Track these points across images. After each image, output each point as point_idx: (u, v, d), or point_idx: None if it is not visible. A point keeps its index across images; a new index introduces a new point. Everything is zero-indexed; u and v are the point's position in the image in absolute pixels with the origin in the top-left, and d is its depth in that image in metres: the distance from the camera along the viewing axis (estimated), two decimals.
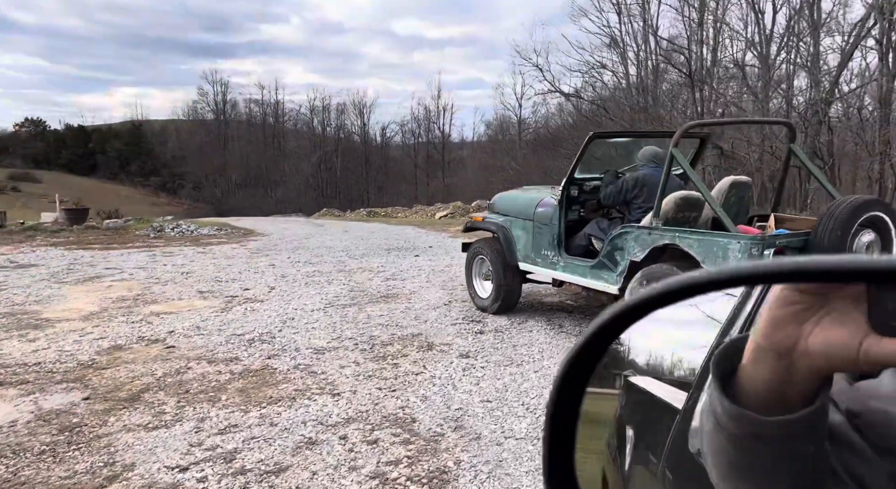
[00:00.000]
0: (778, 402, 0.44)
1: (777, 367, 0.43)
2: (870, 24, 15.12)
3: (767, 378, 0.44)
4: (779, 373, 0.43)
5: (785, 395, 0.44)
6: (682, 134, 4.03)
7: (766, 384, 0.44)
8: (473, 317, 5.28)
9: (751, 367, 0.45)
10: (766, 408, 0.44)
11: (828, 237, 3.21)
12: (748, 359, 0.45)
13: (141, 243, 10.60)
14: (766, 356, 0.43)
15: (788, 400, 0.44)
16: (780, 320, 0.42)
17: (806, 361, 0.42)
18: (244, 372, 4.00)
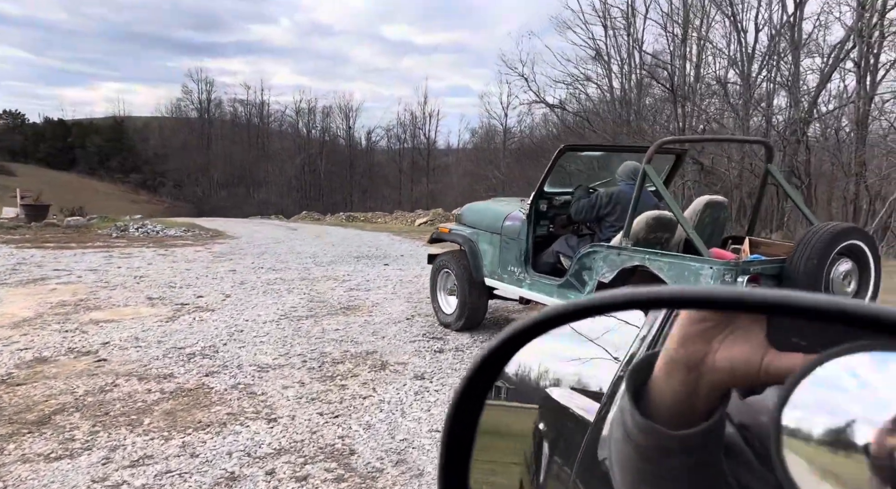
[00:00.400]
0: (684, 415, 0.47)
1: (686, 380, 0.46)
2: (849, 47, 15.23)
3: (677, 390, 0.47)
4: (687, 386, 0.47)
5: (691, 408, 0.47)
6: (655, 150, 3.80)
7: (674, 396, 0.47)
8: (435, 334, 5.00)
9: (662, 380, 0.48)
10: (672, 421, 0.47)
11: (804, 265, 3.00)
12: (660, 371, 0.48)
13: (101, 243, 10.17)
14: (677, 369, 0.47)
15: (693, 413, 0.47)
16: (691, 336, 0.46)
17: (712, 376, 0.46)
18: (176, 391, 3.68)
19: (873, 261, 3.18)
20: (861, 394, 0.37)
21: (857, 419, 0.36)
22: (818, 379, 0.39)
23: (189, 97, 56.91)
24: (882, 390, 0.37)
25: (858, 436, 0.36)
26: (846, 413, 0.37)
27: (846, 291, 3.17)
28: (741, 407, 0.49)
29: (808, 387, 0.39)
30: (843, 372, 0.38)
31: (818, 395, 0.38)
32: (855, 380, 0.37)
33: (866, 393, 0.37)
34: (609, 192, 4.29)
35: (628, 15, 20.53)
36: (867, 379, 0.37)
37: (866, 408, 0.36)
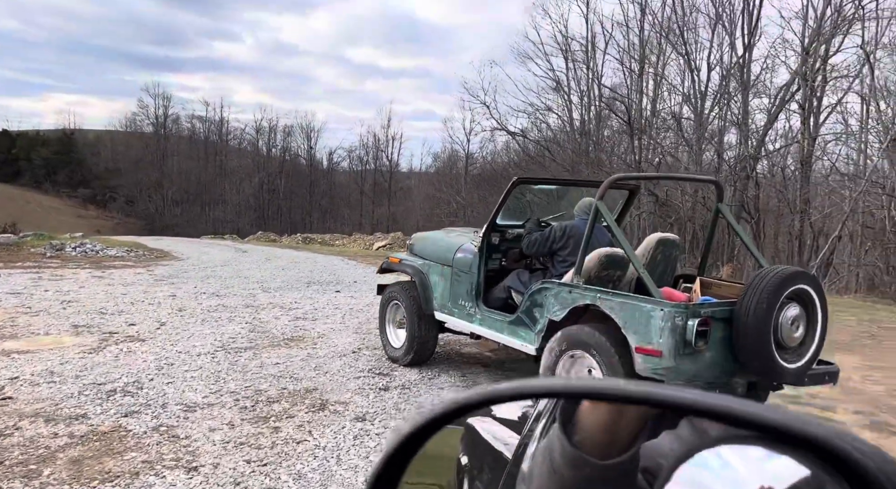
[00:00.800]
0: (608, 446, 0.50)
1: (611, 411, 0.50)
2: (794, 89, 15.96)
3: (604, 419, 0.50)
4: (613, 414, 0.50)
5: (615, 438, 0.50)
6: (608, 186, 3.73)
7: (602, 425, 0.50)
8: (381, 370, 4.76)
9: (588, 412, 0.51)
10: (597, 452, 0.50)
11: (753, 310, 2.93)
12: (587, 403, 0.51)
13: (32, 263, 9.54)
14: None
15: (615, 444, 0.50)
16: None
17: (635, 407, 0.49)
18: (88, 435, 3.33)
19: (820, 305, 3.15)
20: (724, 474, 0.43)
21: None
22: (694, 462, 0.44)
23: (145, 112, 55.47)
24: (740, 472, 0.42)
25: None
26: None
27: (794, 336, 3.13)
28: (644, 451, 0.52)
29: (686, 468, 0.44)
30: (710, 455, 0.44)
31: (693, 475, 0.44)
32: (719, 462, 0.43)
33: (728, 474, 0.43)
34: (562, 227, 4.19)
35: (588, 49, 21.09)
36: (729, 461, 0.43)
37: (726, 486, 0.42)
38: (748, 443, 0.41)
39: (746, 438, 0.41)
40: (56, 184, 53.95)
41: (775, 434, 0.39)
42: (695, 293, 3.54)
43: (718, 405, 0.41)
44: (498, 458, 0.85)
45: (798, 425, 0.38)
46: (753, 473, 0.41)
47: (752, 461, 0.41)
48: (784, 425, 0.39)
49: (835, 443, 0.37)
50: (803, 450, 0.39)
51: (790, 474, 0.39)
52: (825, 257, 14.12)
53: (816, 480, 0.38)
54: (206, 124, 55.55)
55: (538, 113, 23.58)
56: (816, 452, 0.38)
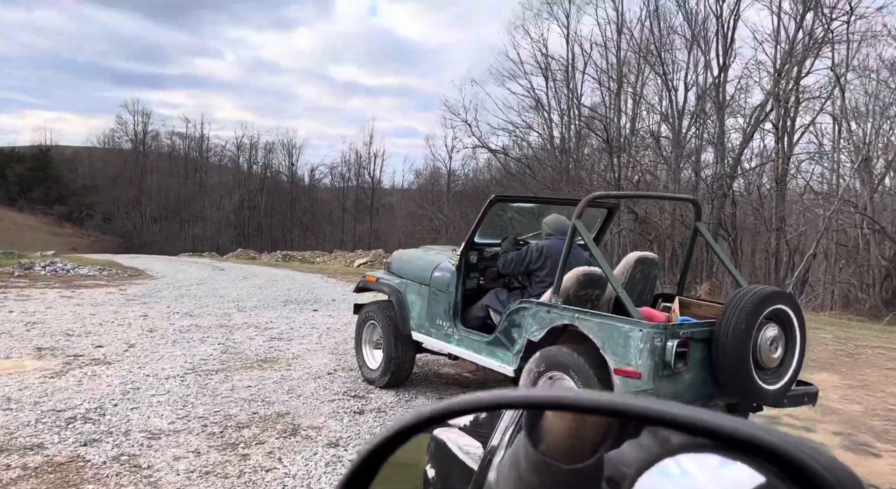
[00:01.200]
0: (573, 452, 0.51)
1: (575, 418, 0.51)
2: (768, 109, 16.31)
3: (569, 425, 0.51)
4: (576, 423, 0.51)
5: (578, 445, 0.51)
6: (586, 204, 3.70)
7: (566, 431, 0.52)
8: (357, 392, 4.64)
9: (553, 419, 0.53)
10: (562, 457, 0.51)
11: (732, 330, 2.90)
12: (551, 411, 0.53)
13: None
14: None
15: (579, 450, 0.51)
16: None
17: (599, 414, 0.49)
18: (43, 466, 3.15)
19: (798, 326, 3.13)
20: (683, 482, 0.44)
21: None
22: (656, 470, 0.45)
23: (123, 128, 54.88)
24: (699, 479, 0.43)
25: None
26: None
27: (773, 357, 3.09)
28: (608, 460, 0.52)
29: (648, 476, 0.45)
30: (673, 465, 0.45)
31: (654, 483, 0.45)
32: (678, 469, 0.44)
33: (686, 482, 0.44)
34: (539, 246, 4.14)
35: (567, 68, 21.38)
36: (687, 469, 0.44)
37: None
38: (706, 452, 0.42)
39: (705, 447, 0.42)
40: (31, 201, 52.92)
41: (731, 442, 0.40)
42: (674, 313, 3.50)
43: (674, 414, 0.42)
44: (464, 469, 0.86)
45: (752, 433, 0.39)
46: (711, 481, 0.42)
47: (710, 469, 0.42)
48: (739, 433, 0.39)
49: (788, 450, 0.38)
50: (759, 457, 0.39)
51: (746, 481, 0.40)
52: (801, 275, 14.31)
53: (770, 487, 0.39)
54: (187, 141, 55.15)
55: (519, 131, 23.79)
56: (771, 460, 0.39)
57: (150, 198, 50.90)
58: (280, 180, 54.12)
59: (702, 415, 0.41)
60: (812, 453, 0.38)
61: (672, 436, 0.46)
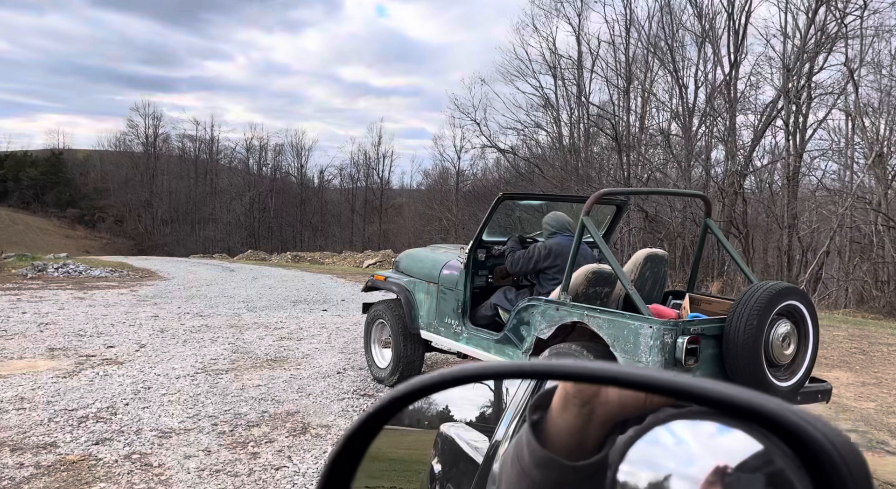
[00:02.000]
0: (578, 448, 0.50)
1: (581, 413, 0.50)
2: (779, 106, 16.14)
3: (572, 423, 0.50)
4: (581, 418, 0.50)
5: (585, 440, 0.50)
6: (594, 201, 3.67)
7: (569, 429, 0.50)
8: (366, 390, 4.64)
9: (558, 414, 0.51)
10: (567, 453, 0.50)
11: (743, 326, 2.86)
12: (556, 405, 0.51)
13: (12, 285, 9.34)
14: (573, 403, 0.50)
15: (586, 445, 0.50)
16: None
17: (604, 409, 0.49)
18: (55, 464, 3.18)
19: (811, 322, 3.08)
20: (677, 450, 0.42)
21: (673, 473, 0.41)
22: (647, 439, 0.43)
23: (134, 131, 55.34)
24: (692, 447, 0.42)
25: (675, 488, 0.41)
26: (665, 468, 0.42)
27: (785, 353, 3.05)
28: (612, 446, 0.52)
29: (640, 445, 0.44)
30: (664, 431, 0.43)
31: (646, 453, 0.43)
32: (672, 439, 0.43)
33: (680, 450, 0.42)
34: (546, 245, 4.11)
35: (576, 67, 21.30)
36: (682, 437, 0.43)
37: (679, 463, 0.42)
38: (701, 419, 0.42)
39: (699, 414, 0.42)
40: (44, 204, 53.56)
41: (727, 409, 0.39)
42: (684, 310, 3.47)
43: (668, 381, 0.41)
44: (470, 462, 0.85)
45: (750, 400, 0.39)
46: (705, 449, 0.41)
47: (704, 436, 0.42)
48: (735, 400, 0.39)
49: (786, 417, 0.38)
50: (756, 424, 0.39)
51: (742, 449, 0.39)
52: (814, 272, 14.16)
53: (768, 454, 0.39)
54: (197, 143, 55.50)
55: (527, 130, 23.74)
56: (769, 427, 0.38)
57: (160, 200, 51.31)
58: (290, 182, 54.35)
59: (697, 382, 0.40)
60: (811, 420, 0.38)
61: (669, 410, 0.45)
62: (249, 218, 50.35)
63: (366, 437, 0.52)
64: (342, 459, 0.51)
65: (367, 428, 0.52)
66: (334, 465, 0.51)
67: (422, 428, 0.80)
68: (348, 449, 0.51)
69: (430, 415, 0.79)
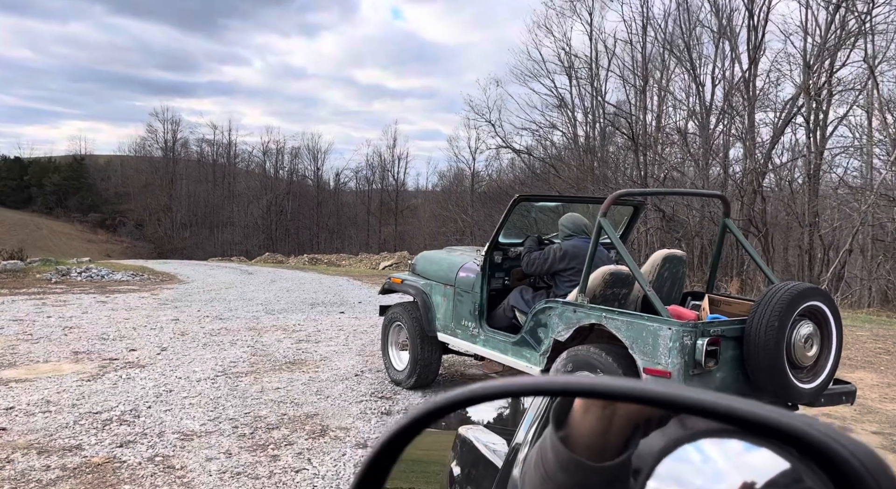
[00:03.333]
0: (600, 449, 0.50)
1: (602, 415, 0.50)
2: (799, 103, 15.90)
3: (594, 425, 0.50)
4: (603, 420, 0.50)
5: (607, 442, 0.50)
6: (611, 202, 3.65)
7: (591, 430, 0.50)
8: (384, 393, 4.66)
9: (580, 416, 0.51)
10: (590, 455, 0.50)
11: (765, 328, 2.83)
12: (578, 408, 0.52)
13: (37, 289, 9.54)
14: (594, 404, 0.50)
15: (608, 447, 0.50)
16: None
17: (625, 410, 0.49)
18: (81, 467, 3.24)
19: (834, 322, 3.04)
20: (704, 468, 0.42)
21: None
22: (675, 456, 0.44)
23: (154, 136, 56.19)
24: (720, 465, 0.42)
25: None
26: (693, 485, 0.42)
27: (808, 355, 3.01)
28: (634, 452, 0.52)
29: (668, 462, 0.44)
30: (691, 449, 0.44)
31: (673, 469, 0.44)
32: (699, 456, 0.43)
33: (708, 467, 0.42)
34: (562, 247, 4.10)
35: (591, 66, 21.18)
36: (709, 455, 0.43)
37: (707, 480, 0.42)
38: (728, 437, 0.42)
39: (727, 432, 0.42)
40: (67, 209, 54.59)
41: (754, 427, 0.39)
42: (703, 311, 3.43)
43: (695, 399, 0.41)
44: (489, 466, 0.86)
45: (776, 418, 0.38)
46: (733, 467, 0.41)
47: (733, 454, 0.42)
48: (762, 418, 0.38)
49: (813, 435, 0.37)
50: (782, 442, 0.39)
51: (770, 467, 0.39)
52: (836, 271, 13.91)
53: (796, 472, 0.38)
54: (215, 147, 56.17)
55: (542, 130, 23.64)
56: (795, 445, 0.38)
57: (179, 204, 52.02)
58: (306, 185, 54.77)
59: (724, 400, 0.40)
60: (839, 437, 0.37)
61: (696, 423, 0.46)
62: (267, 221, 50.82)
63: (394, 451, 0.52)
64: (376, 467, 0.51)
65: (395, 443, 0.51)
66: (367, 473, 0.51)
67: (440, 429, 0.82)
68: (375, 467, 0.51)
69: (447, 418, 0.78)
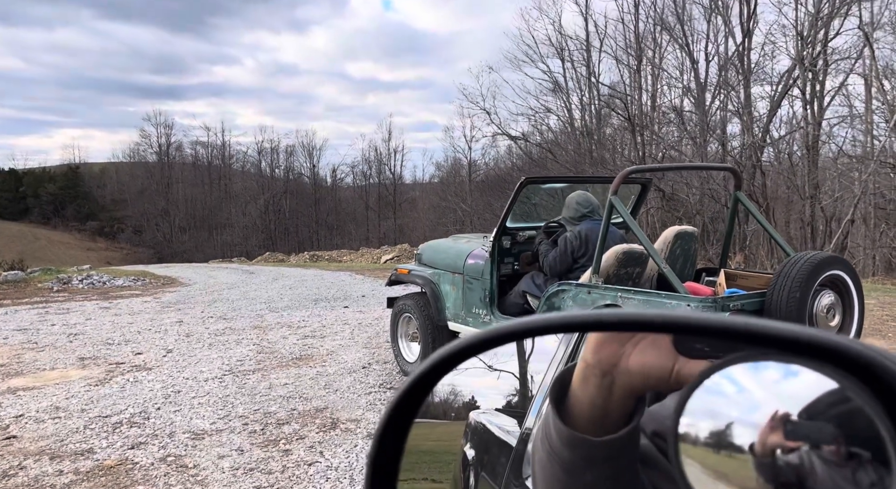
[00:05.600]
0: (602, 422, 0.49)
1: (601, 384, 0.48)
2: (795, 75, 15.75)
3: (593, 395, 0.49)
4: (602, 390, 0.48)
5: (608, 413, 0.48)
6: (621, 180, 3.57)
7: (591, 402, 0.49)
8: (392, 383, 4.60)
9: (579, 387, 0.50)
10: (592, 429, 0.49)
11: (786, 299, 2.76)
12: (577, 378, 0.50)
13: (39, 298, 9.46)
14: (593, 373, 0.48)
15: (610, 419, 0.48)
16: (604, 340, 0.48)
17: (626, 379, 0.47)
18: (93, 470, 3.18)
19: (856, 292, 2.97)
20: (739, 398, 0.40)
21: (735, 421, 0.40)
22: (706, 388, 0.42)
23: (147, 141, 55.92)
24: (756, 394, 0.40)
25: (739, 437, 0.39)
26: (727, 416, 0.40)
27: (830, 326, 2.94)
28: (650, 416, 0.51)
29: (699, 395, 0.42)
30: (724, 380, 0.41)
31: (706, 403, 0.42)
32: (734, 387, 0.41)
33: (743, 397, 0.40)
34: (576, 232, 3.99)
35: (585, 47, 20.99)
36: (744, 385, 0.41)
37: (742, 410, 0.40)
38: (762, 360, 0.40)
39: (760, 355, 0.40)
40: (64, 218, 54.46)
41: (792, 348, 0.38)
42: (720, 286, 3.36)
43: (722, 322, 0.40)
44: (503, 446, 0.85)
45: (815, 336, 0.37)
46: (772, 393, 0.39)
47: (770, 379, 0.40)
48: (800, 337, 0.37)
49: (856, 350, 0.36)
50: (823, 361, 0.38)
51: (813, 388, 0.38)
52: (839, 242, 13.84)
53: (842, 391, 0.37)
54: (209, 149, 55.92)
55: (538, 115, 23.50)
56: (838, 363, 0.37)
57: (177, 208, 51.89)
58: (303, 182, 54.58)
59: (755, 322, 0.38)
60: (883, 352, 0.36)
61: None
62: (265, 220, 50.71)
63: (415, 401, 0.51)
64: (399, 414, 0.51)
65: (419, 387, 0.50)
66: (389, 423, 0.50)
67: (449, 419, 0.80)
68: (400, 411, 0.50)
69: (456, 407, 0.79)
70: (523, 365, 0.86)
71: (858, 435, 0.36)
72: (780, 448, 0.38)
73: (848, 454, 0.36)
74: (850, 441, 0.36)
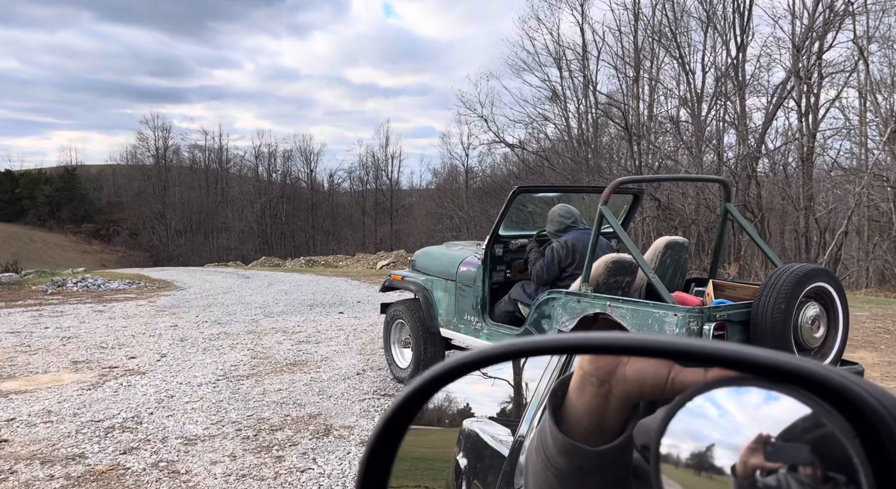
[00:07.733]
0: (597, 431, 0.49)
1: (598, 393, 0.48)
2: (790, 87, 15.90)
3: (589, 404, 0.49)
4: (599, 399, 0.48)
5: (604, 423, 0.49)
6: (612, 190, 3.62)
7: (588, 411, 0.49)
8: (386, 390, 4.62)
9: (575, 396, 0.50)
10: (587, 438, 0.49)
11: (771, 310, 2.80)
12: (574, 386, 0.50)
13: (33, 301, 9.45)
14: (589, 383, 0.48)
15: (606, 428, 0.49)
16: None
17: (622, 387, 0.47)
18: (85, 475, 3.20)
19: (840, 303, 3.01)
20: (721, 421, 0.41)
21: (717, 443, 0.40)
22: (688, 410, 0.42)
23: (145, 144, 55.88)
24: (737, 417, 0.41)
25: (720, 459, 0.40)
26: (709, 438, 0.41)
27: (815, 337, 2.99)
28: (640, 428, 0.51)
29: (681, 417, 0.42)
30: (707, 403, 0.42)
31: (688, 424, 0.42)
32: (716, 410, 0.42)
33: (725, 420, 0.41)
34: (563, 242, 4.03)
35: (582, 56, 21.14)
36: (726, 408, 0.41)
37: (724, 433, 0.40)
38: (744, 385, 0.41)
39: (742, 380, 0.41)
40: (60, 220, 54.31)
41: (771, 375, 0.39)
42: (708, 296, 3.41)
43: (707, 348, 0.41)
44: (495, 456, 0.86)
45: (794, 364, 0.38)
46: (752, 416, 0.40)
47: (750, 404, 0.41)
48: (779, 364, 0.38)
49: (832, 378, 0.37)
50: (801, 388, 0.39)
51: (790, 413, 0.39)
52: (833, 253, 13.93)
53: (815, 417, 0.38)
54: (207, 153, 55.91)
55: (535, 123, 23.61)
56: (814, 391, 0.38)
57: (173, 211, 51.79)
58: (300, 187, 54.58)
59: (738, 348, 0.40)
60: (859, 382, 0.37)
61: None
62: (262, 225, 50.63)
63: (404, 419, 0.51)
64: (389, 431, 0.50)
65: (407, 408, 0.50)
66: (382, 435, 0.50)
67: (443, 426, 0.80)
68: (391, 426, 0.50)
69: (450, 414, 0.79)
70: (518, 373, 0.87)
71: (833, 458, 0.37)
72: (760, 469, 0.38)
73: (824, 477, 0.37)
74: (825, 464, 0.37)
